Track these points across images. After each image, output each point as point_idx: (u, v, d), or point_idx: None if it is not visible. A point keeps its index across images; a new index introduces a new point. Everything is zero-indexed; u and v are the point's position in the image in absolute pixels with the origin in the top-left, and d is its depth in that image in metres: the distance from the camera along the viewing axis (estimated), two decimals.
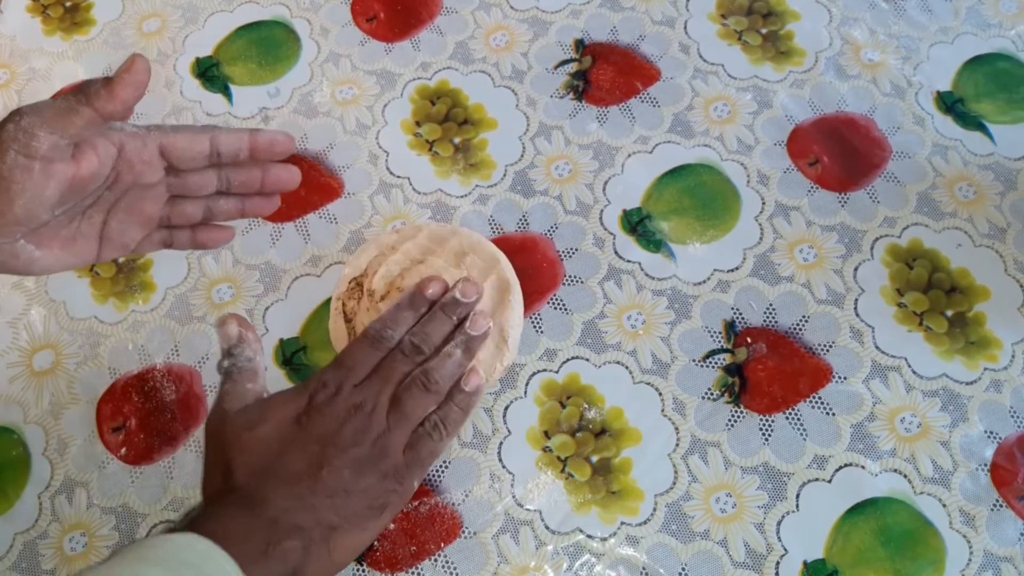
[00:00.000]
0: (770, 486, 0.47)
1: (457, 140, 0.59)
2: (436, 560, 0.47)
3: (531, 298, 0.53)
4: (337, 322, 0.51)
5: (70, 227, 0.43)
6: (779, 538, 0.46)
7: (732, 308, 0.52)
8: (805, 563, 0.46)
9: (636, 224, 0.55)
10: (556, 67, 0.61)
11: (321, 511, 0.40)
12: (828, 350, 0.51)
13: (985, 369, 0.50)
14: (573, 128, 0.59)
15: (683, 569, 0.46)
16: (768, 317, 0.52)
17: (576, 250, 0.55)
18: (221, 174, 0.46)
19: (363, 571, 0.47)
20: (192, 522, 0.38)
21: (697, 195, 0.56)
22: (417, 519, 0.48)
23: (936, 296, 0.52)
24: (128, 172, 0.43)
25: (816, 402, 0.49)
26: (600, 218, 0.55)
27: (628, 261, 0.54)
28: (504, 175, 0.57)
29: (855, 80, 0.59)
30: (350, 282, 0.51)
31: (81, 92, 0.39)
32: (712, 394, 0.50)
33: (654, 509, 0.47)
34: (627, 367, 0.51)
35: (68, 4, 0.67)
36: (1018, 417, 0.48)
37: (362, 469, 0.42)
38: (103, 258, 0.45)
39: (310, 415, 0.43)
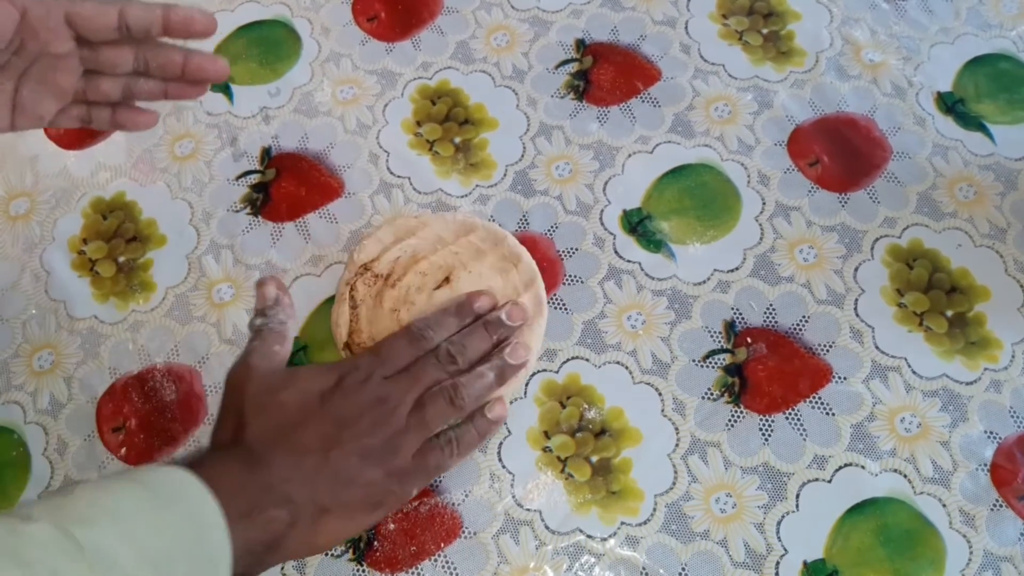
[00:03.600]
0: (770, 486, 0.47)
1: (458, 140, 0.59)
2: (436, 560, 0.47)
3: None
4: (341, 307, 0.51)
5: None
6: (779, 538, 0.46)
7: (732, 308, 0.52)
8: (805, 563, 0.46)
9: (636, 224, 0.55)
10: (557, 67, 0.61)
11: (318, 491, 0.41)
12: (828, 350, 0.51)
13: (985, 369, 0.50)
14: (573, 128, 0.59)
15: (683, 569, 0.46)
16: (768, 317, 0.52)
17: (576, 250, 0.55)
18: (138, 53, 0.45)
19: (363, 571, 0.47)
20: (191, 463, 0.38)
21: (697, 195, 0.56)
22: (417, 519, 0.48)
23: (936, 296, 0.52)
24: (33, 39, 0.42)
25: (816, 402, 0.49)
26: (600, 218, 0.55)
27: (628, 261, 0.54)
28: (504, 175, 0.57)
29: (856, 80, 0.59)
30: (360, 267, 0.51)
31: None
32: (712, 394, 0.50)
33: (654, 509, 0.47)
34: (627, 367, 0.51)
35: None
36: (1018, 417, 0.48)
37: (370, 460, 0.42)
38: (18, 126, 0.45)
39: (335, 395, 0.43)
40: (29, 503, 0.47)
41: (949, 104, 0.58)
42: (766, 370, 0.50)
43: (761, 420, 0.49)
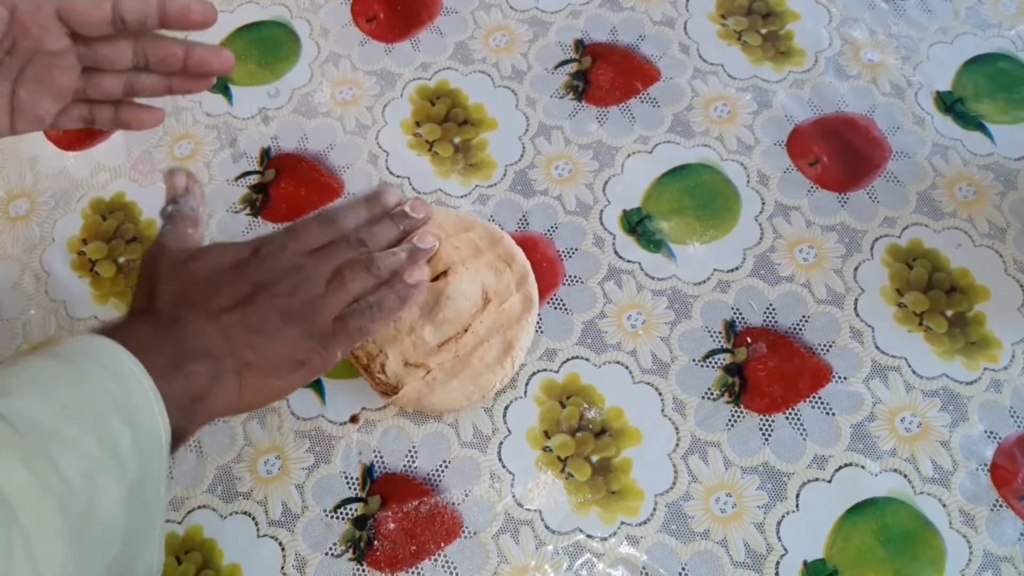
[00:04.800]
0: (770, 486, 0.47)
1: (457, 140, 0.59)
2: (436, 560, 0.47)
3: None
4: None
5: None
6: (779, 538, 0.46)
7: (732, 308, 0.52)
8: (805, 563, 0.46)
9: (636, 224, 0.55)
10: (556, 67, 0.61)
11: (237, 345, 0.40)
12: (828, 350, 0.51)
13: (985, 369, 0.50)
14: (573, 128, 0.59)
15: (683, 569, 0.46)
16: (768, 317, 0.52)
17: (576, 250, 0.55)
18: (137, 48, 0.44)
19: (363, 571, 0.47)
20: (105, 332, 0.38)
21: (697, 195, 0.56)
22: (417, 519, 0.48)
23: (936, 296, 0.52)
24: (24, 37, 0.41)
25: (816, 402, 0.49)
26: (600, 218, 0.55)
27: (628, 261, 0.54)
28: (504, 175, 0.58)
29: (855, 80, 0.59)
30: None
31: None
32: (712, 394, 0.50)
33: (654, 509, 0.47)
34: (627, 367, 0.51)
35: None
36: (1018, 417, 0.48)
37: (288, 319, 0.42)
38: (18, 129, 0.44)
39: (250, 262, 0.43)
40: None
41: (948, 104, 0.58)
42: (766, 370, 0.50)
43: (761, 420, 0.49)
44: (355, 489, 0.49)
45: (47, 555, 0.30)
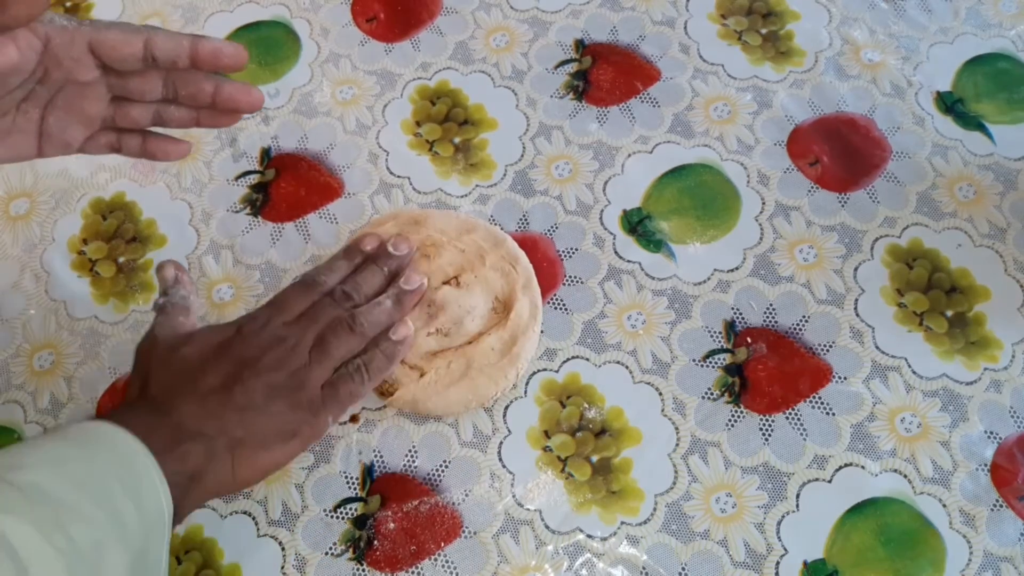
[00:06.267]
0: (770, 486, 0.47)
1: (457, 140, 0.59)
2: (436, 560, 0.47)
3: None
4: None
5: (4, 120, 0.42)
6: (779, 538, 0.46)
7: (732, 308, 0.52)
8: (805, 563, 0.46)
9: (636, 224, 0.55)
10: (556, 67, 0.61)
11: (228, 423, 0.41)
12: (828, 350, 0.51)
13: (985, 369, 0.50)
14: (573, 128, 0.59)
15: (683, 569, 0.46)
16: (768, 317, 0.52)
17: (576, 250, 0.55)
18: (167, 81, 0.45)
19: (363, 570, 0.47)
20: (101, 419, 0.39)
21: (697, 195, 0.56)
22: (417, 519, 0.48)
23: (936, 296, 0.52)
24: (56, 68, 0.42)
25: (816, 402, 0.49)
26: (600, 218, 0.55)
27: (628, 261, 0.54)
28: (504, 175, 0.58)
29: (855, 80, 0.59)
30: None
31: None
32: (712, 394, 0.50)
33: (654, 509, 0.47)
34: (627, 367, 0.51)
35: (68, 4, 0.67)
36: (1018, 417, 0.48)
37: (275, 394, 0.43)
38: (45, 154, 0.45)
39: (234, 342, 0.44)
40: None
41: (948, 104, 0.58)
42: (766, 370, 0.50)
43: (761, 420, 0.49)
44: (355, 489, 0.49)
45: None
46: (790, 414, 0.49)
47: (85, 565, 0.33)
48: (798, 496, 0.47)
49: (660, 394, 0.50)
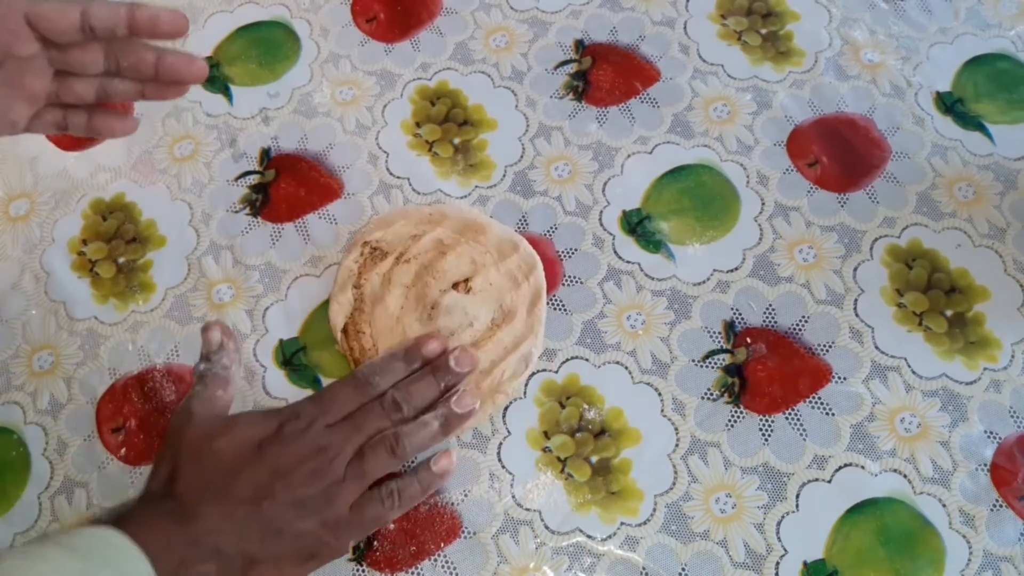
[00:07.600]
0: (770, 486, 0.47)
1: (457, 141, 0.59)
2: (436, 560, 0.47)
3: None
4: (345, 290, 0.51)
5: None
6: (779, 538, 0.46)
7: (732, 308, 0.52)
8: (805, 563, 0.46)
9: (636, 225, 0.55)
10: (556, 67, 0.61)
11: (248, 542, 0.40)
12: (828, 350, 0.51)
13: (985, 369, 0.50)
14: (573, 129, 0.59)
15: (683, 569, 0.46)
16: (768, 317, 0.52)
17: (576, 250, 0.55)
18: (109, 53, 0.44)
19: (363, 571, 0.47)
20: (118, 519, 0.38)
21: (697, 195, 0.56)
22: (417, 519, 0.48)
23: (936, 296, 0.52)
24: None
25: (816, 402, 0.49)
26: (600, 218, 0.55)
27: (628, 261, 0.54)
28: (504, 175, 0.58)
29: (855, 80, 0.59)
30: (363, 246, 0.52)
31: None
32: (712, 394, 0.50)
33: (654, 509, 0.47)
34: (627, 367, 0.51)
35: None
36: (1018, 417, 0.48)
37: (304, 511, 0.42)
38: None
39: (272, 443, 0.43)
40: None
41: (948, 104, 0.58)
42: (766, 370, 0.50)
43: (761, 420, 0.49)
44: None
45: None
46: (790, 414, 0.49)
47: None
48: (798, 496, 0.47)
49: (660, 394, 0.50)
